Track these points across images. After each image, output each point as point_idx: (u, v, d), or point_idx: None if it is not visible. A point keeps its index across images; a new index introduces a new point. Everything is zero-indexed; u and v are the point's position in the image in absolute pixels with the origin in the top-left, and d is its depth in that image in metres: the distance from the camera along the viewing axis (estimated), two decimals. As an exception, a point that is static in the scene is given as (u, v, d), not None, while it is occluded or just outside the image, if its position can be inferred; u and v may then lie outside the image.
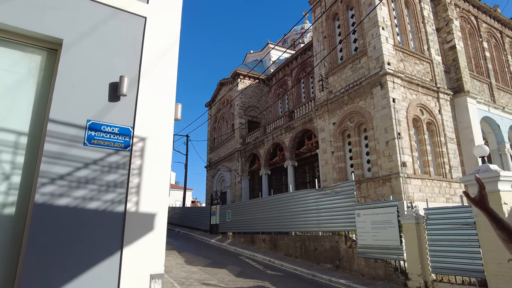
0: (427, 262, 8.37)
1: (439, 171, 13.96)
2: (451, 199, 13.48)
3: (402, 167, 12.24)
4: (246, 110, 27.06)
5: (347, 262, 10.57)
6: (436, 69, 15.70)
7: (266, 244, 15.38)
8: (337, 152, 15.52)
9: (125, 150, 3.72)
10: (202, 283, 9.02)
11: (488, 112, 16.79)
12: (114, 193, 3.55)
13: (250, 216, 17.05)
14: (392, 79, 13.36)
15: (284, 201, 14.39)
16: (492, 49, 20.05)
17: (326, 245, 11.57)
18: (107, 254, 3.40)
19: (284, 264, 11.87)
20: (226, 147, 28.74)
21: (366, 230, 9.77)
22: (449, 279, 8.13)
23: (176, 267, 11.34)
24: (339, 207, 11.16)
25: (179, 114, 4.14)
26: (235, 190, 26.18)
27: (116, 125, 3.69)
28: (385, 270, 9.28)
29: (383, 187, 12.68)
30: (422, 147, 13.81)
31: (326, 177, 15.88)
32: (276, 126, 22.22)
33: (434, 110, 14.71)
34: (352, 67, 15.38)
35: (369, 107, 13.97)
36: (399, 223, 8.97)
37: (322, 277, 9.77)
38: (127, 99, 3.82)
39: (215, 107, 32.10)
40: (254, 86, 27.86)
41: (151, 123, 3.88)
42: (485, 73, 18.53)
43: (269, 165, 23.31)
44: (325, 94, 16.76)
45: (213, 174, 31.02)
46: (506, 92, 19.40)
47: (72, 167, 3.34)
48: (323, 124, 16.66)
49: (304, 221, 12.79)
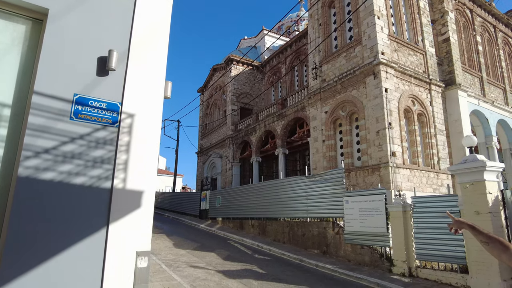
0: (412, 249, 8.55)
1: (427, 162, 14.16)
2: (438, 190, 13.72)
3: (392, 157, 12.37)
4: (238, 97, 26.88)
5: (334, 248, 10.74)
6: (430, 61, 15.74)
7: (255, 229, 15.51)
8: (328, 140, 15.59)
9: (113, 126, 3.66)
10: (190, 266, 9.08)
11: (478, 105, 16.98)
12: (101, 169, 3.50)
13: (240, 202, 17.14)
14: (385, 69, 13.37)
15: (273, 188, 14.48)
16: (485, 43, 20.17)
17: (314, 231, 11.72)
18: (92, 230, 3.36)
19: (272, 249, 12.01)
20: (218, 134, 28.63)
21: (353, 217, 9.91)
22: (432, 265, 8.33)
23: (165, 249, 11.38)
24: (327, 194, 11.27)
25: (169, 92, 4.07)
26: (225, 177, 26.22)
27: (104, 100, 3.61)
28: (371, 256, 9.46)
29: (372, 176, 12.82)
30: (412, 138, 13.95)
31: (316, 166, 15.97)
32: (269, 113, 22.16)
33: (426, 102, 14.82)
34: (346, 55, 15.33)
35: (361, 97, 14.00)
36: (387, 211, 9.12)
37: (309, 262, 9.92)
38: (115, 74, 3.73)
39: (208, 93, 31.82)
40: (247, 73, 27.62)
41: (140, 99, 3.80)
42: (477, 67, 18.68)
43: (260, 153, 23.34)
44: (318, 82, 16.72)
45: (204, 160, 30.97)
46: (496, 87, 19.62)
47: (57, 141, 3.27)
48: (315, 113, 16.67)
49: (293, 207, 12.92)
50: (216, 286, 7.22)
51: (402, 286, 7.49)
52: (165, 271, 8.11)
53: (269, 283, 7.64)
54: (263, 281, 7.79)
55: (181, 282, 7.19)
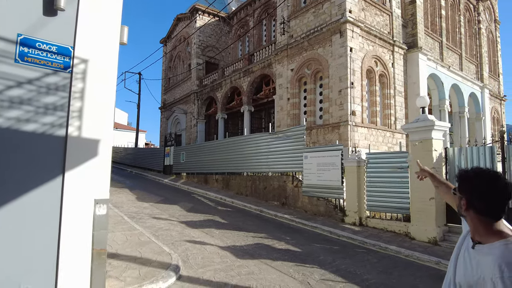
0: (364, 201, 9.27)
1: (385, 121, 14.88)
2: (393, 148, 14.60)
3: (351, 115, 12.84)
4: (204, 50, 25.91)
5: (292, 200, 11.36)
6: (395, 22, 15.93)
7: (219, 183, 15.88)
8: (293, 99, 15.76)
9: (65, 71, 3.48)
10: (153, 217, 9.26)
11: (435, 69, 17.72)
12: (54, 116, 3.38)
13: (205, 157, 17.28)
14: (351, 28, 13.40)
15: (238, 144, 14.70)
16: (448, 8, 20.61)
17: (274, 184, 12.24)
18: (47, 178, 3.31)
19: (234, 201, 12.46)
20: (182, 89, 27.82)
21: (311, 172, 10.44)
22: (380, 215, 9.14)
23: (127, 203, 11.43)
24: (289, 150, 11.67)
25: (125, 37, 3.88)
26: (190, 133, 25.98)
27: (53, 43, 3.39)
28: (326, 207, 10.15)
29: (332, 134, 13.33)
30: (372, 98, 14.46)
31: (280, 123, 16.25)
32: (235, 69, 21.72)
33: (388, 63, 15.21)
34: (314, 11, 15.08)
35: (327, 55, 14.07)
36: (342, 166, 9.68)
37: (268, 213, 10.48)
38: (66, 15, 3.48)
39: (171, 44, 30.29)
40: (213, 24, 26.44)
41: (94, 44, 3.61)
42: (438, 31, 19.21)
43: (226, 109, 23.17)
44: (285, 38, 16.47)
45: (168, 116, 30.29)
46: (453, 52, 20.45)
47: (2, 85, 3.08)
48: (281, 70, 16.60)
49: (256, 162, 13.29)
50: (178, 235, 7.49)
51: (352, 233, 8.20)
52: (128, 222, 8.23)
53: (229, 231, 8.04)
54: (224, 230, 8.18)
55: (143, 231, 7.37)
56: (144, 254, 5.74)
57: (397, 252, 6.81)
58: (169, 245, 6.49)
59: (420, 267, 6.00)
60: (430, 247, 7.13)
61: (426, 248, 7.07)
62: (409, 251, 6.74)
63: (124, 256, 5.59)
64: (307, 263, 5.85)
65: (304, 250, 6.72)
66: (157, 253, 5.84)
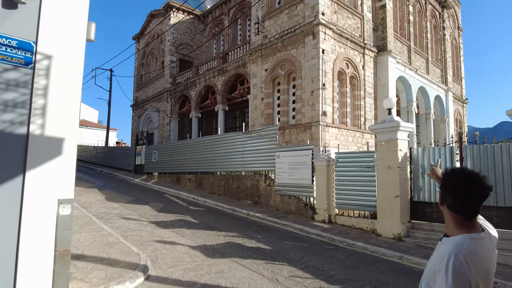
0: (333, 199, 9.53)
1: (355, 122, 15.33)
2: (362, 148, 15.07)
3: (323, 116, 13.14)
4: (178, 47, 25.55)
5: (265, 199, 11.48)
6: (366, 25, 16.43)
7: (191, 183, 15.75)
8: (267, 99, 15.90)
9: (26, 67, 3.37)
10: (122, 218, 9.07)
11: (404, 72, 18.45)
12: (13, 113, 3.27)
13: (178, 156, 17.07)
14: (324, 30, 13.70)
15: (211, 143, 14.64)
16: (416, 14, 21.50)
17: (247, 183, 12.31)
18: (6, 177, 3.20)
19: (207, 200, 12.42)
20: (155, 86, 27.30)
21: (283, 170, 10.60)
22: (349, 213, 9.43)
23: (96, 203, 11.11)
24: (262, 149, 11.78)
25: (92, 34, 3.80)
26: (163, 132, 25.56)
27: (13, 37, 3.28)
28: (297, 205, 10.35)
29: (304, 134, 13.58)
30: (343, 99, 14.86)
31: (254, 123, 16.34)
32: (209, 67, 21.59)
33: (359, 66, 15.68)
34: (288, 13, 15.28)
35: (300, 56, 14.30)
36: (313, 165, 9.90)
37: (241, 211, 10.53)
38: (27, 8, 3.37)
39: (144, 41, 29.65)
40: (188, 22, 26.13)
41: (59, 39, 3.51)
42: (407, 36, 20.01)
43: (200, 108, 22.98)
44: (260, 38, 16.58)
45: (140, 114, 29.63)
46: (420, 56, 21.37)
47: (-44, 80, 2.94)
48: (256, 70, 16.70)
49: (230, 162, 13.31)
50: (148, 235, 7.38)
51: (321, 231, 8.41)
52: (96, 223, 8.01)
53: (201, 231, 8.02)
54: (196, 229, 8.15)
55: (111, 232, 7.21)
56: (112, 255, 5.63)
57: (364, 248, 7.07)
58: (138, 246, 6.40)
59: (385, 262, 6.26)
60: (395, 243, 7.44)
61: (391, 244, 7.37)
62: (375, 247, 7.01)
63: (90, 257, 5.46)
64: (277, 261, 5.96)
65: (275, 248, 6.84)
66: (125, 253, 5.74)
